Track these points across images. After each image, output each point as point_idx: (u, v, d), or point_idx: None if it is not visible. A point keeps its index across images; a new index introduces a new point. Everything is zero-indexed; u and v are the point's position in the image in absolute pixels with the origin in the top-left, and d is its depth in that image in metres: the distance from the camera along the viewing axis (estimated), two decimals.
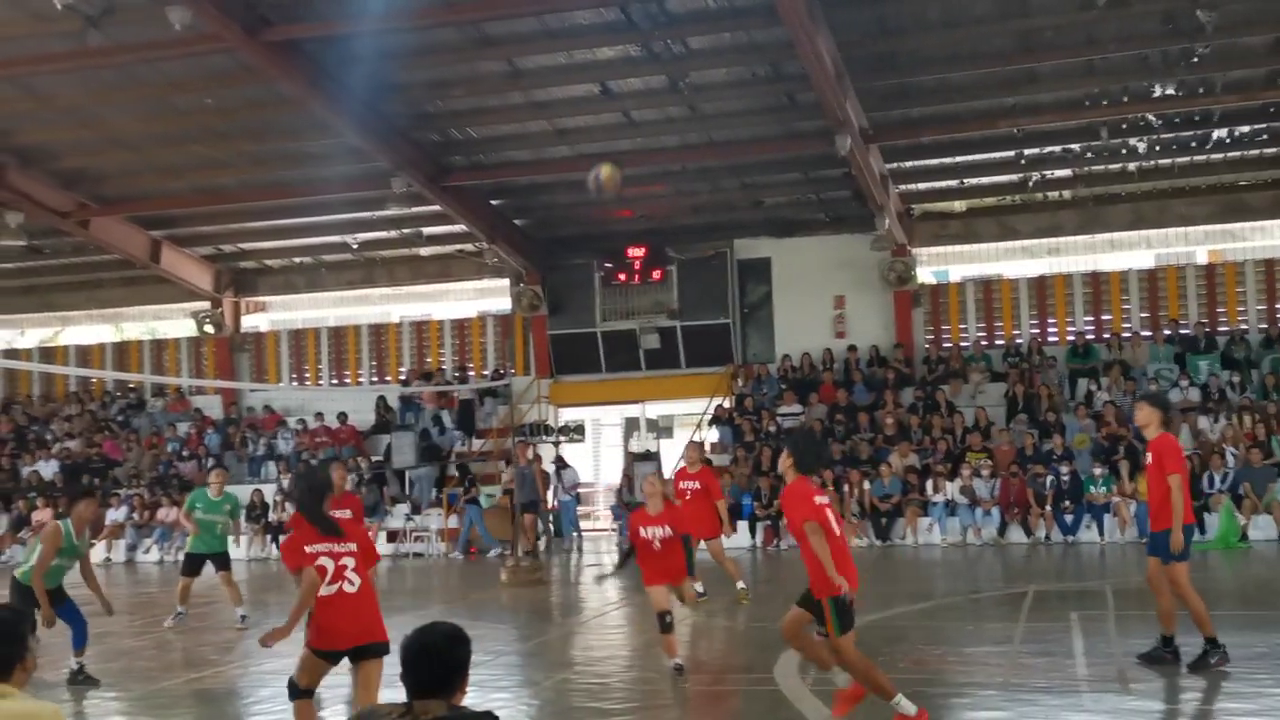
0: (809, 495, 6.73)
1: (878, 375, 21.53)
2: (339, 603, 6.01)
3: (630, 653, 10.44)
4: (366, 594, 6.11)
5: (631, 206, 22.31)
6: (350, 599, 6.03)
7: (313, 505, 6.30)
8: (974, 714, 7.45)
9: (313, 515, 6.24)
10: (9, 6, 15.67)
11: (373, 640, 6.04)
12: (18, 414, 26.21)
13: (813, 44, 14.99)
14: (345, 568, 6.06)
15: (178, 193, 22.01)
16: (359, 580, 6.09)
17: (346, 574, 6.06)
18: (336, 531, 6.18)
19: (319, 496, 6.40)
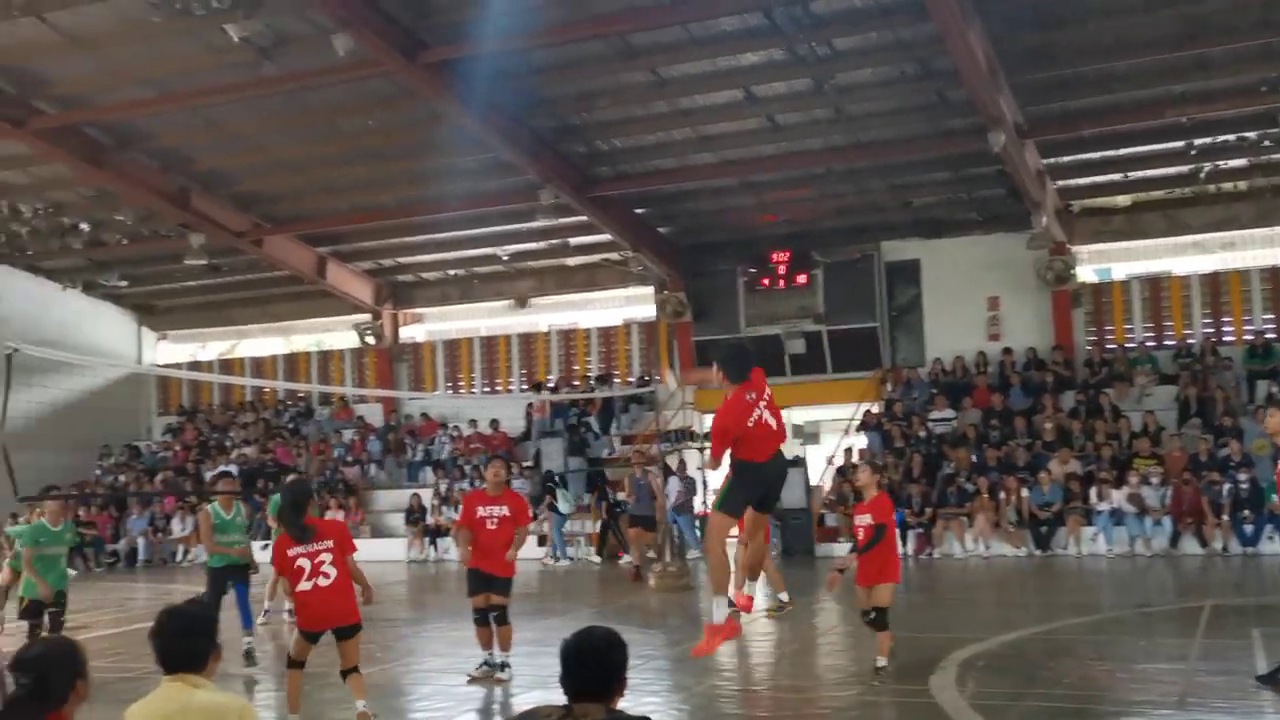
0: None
1: (1035, 378, 20.83)
2: (316, 595, 7.29)
3: (780, 659, 10.38)
4: (341, 585, 7.35)
5: (776, 211, 22.21)
6: (325, 591, 7.28)
7: (292, 516, 7.41)
8: None
9: (290, 525, 7.39)
10: (190, 42, 16.67)
11: (345, 623, 7.40)
12: (201, 422, 27.83)
13: (964, 39, 14.63)
14: (321, 564, 7.27)
15: (341, 211, 23.00)
16: (335, 573, 7.32)
17: (323, 569, 7.27)
18: (308, 538, 7.34)
19: (299, 509, 7.46)
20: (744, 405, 7.16)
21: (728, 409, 7.18)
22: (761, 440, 7.17)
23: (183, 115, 19.02)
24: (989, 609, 12.33)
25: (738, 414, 7.11)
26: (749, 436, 7.08)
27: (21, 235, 23.57)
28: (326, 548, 7.34)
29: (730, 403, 7.21)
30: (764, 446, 7.20)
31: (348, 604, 7.39)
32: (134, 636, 12.16)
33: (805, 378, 22.38)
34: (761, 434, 7.16)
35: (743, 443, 7.09)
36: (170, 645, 3.74)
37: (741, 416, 7.10)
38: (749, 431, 7.08)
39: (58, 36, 16.64)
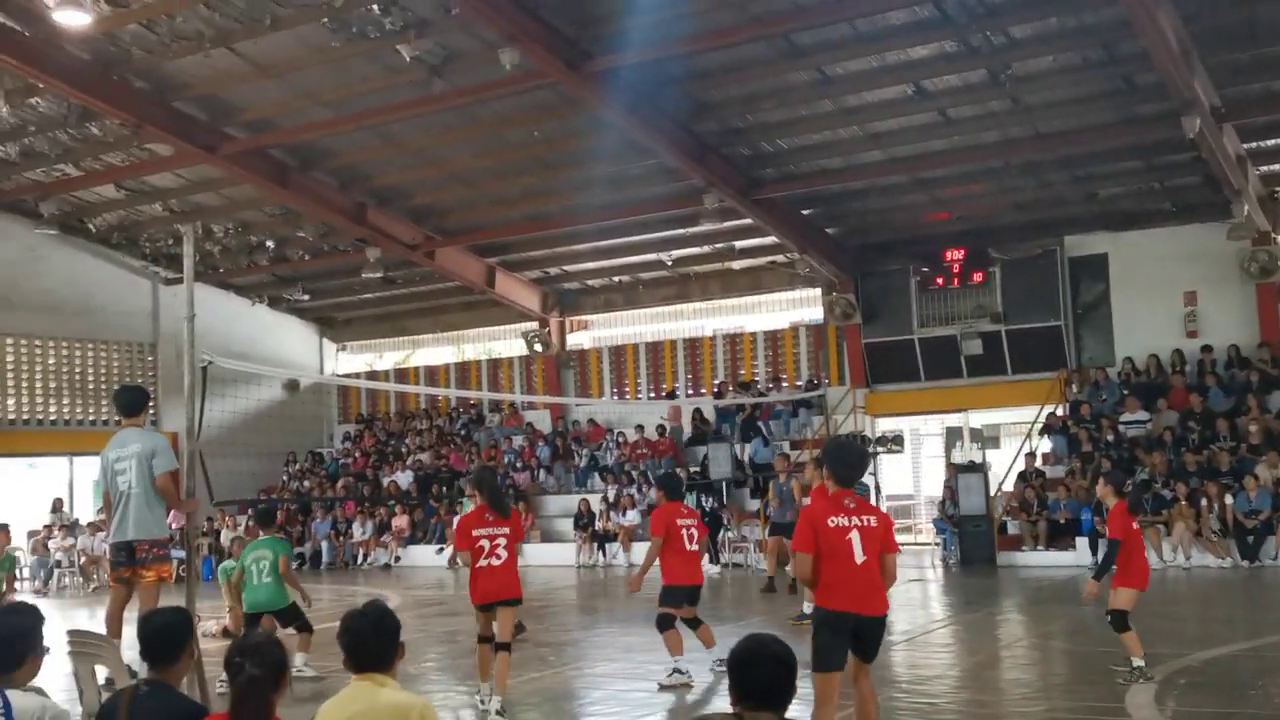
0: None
1: (1238, 378, 19.47)
2: (488, 572, 8.09)
3: (960, 673, 9.93)
4: (509, 565, 8.15)
5: (949, 208, 21.50)
6: (496, 570, 8.09)
7: (496, 495, 8.36)
8: None
9: (496, 503, 8.28)
10: (366, 64, 17.33)
11: (508, 596, 8.18)
12: (378, 430, 28.90)
13: (1153, 20, 13.78)
14: (497, 546, 8.08)
15: (509, 221, 23.49)
16: (505, 556, 8.11)
17: (497, 550, 8.08)
18: (504, 516, 8.23)
19: (498, 489, 8.55)
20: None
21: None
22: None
23: (360, 134, 19.77)
24: (1190, 623, 11.54)
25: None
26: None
27: (214, 254, 25.02)
28: (503, 532, 8.15)
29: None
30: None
31: (513, 581, 8.23)
32: (319, 637, 12.61)
33: (983, 379, 21.66)
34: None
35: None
36: (358, 645, 3.84)
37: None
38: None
39: (246, 65, 17.55)
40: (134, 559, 8.55)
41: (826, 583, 6.03)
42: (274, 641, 3.83)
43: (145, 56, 17.38)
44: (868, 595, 6.04)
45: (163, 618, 4.16)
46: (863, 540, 6.03)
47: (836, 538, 6.01)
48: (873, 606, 6.08)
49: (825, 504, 6.17)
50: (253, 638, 3.90)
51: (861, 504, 6.24)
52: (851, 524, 6.03)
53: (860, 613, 6.02)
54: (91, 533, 21.94)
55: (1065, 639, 11.01)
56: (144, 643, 4.07)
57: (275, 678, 3.68)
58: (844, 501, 6.11)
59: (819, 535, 6.03)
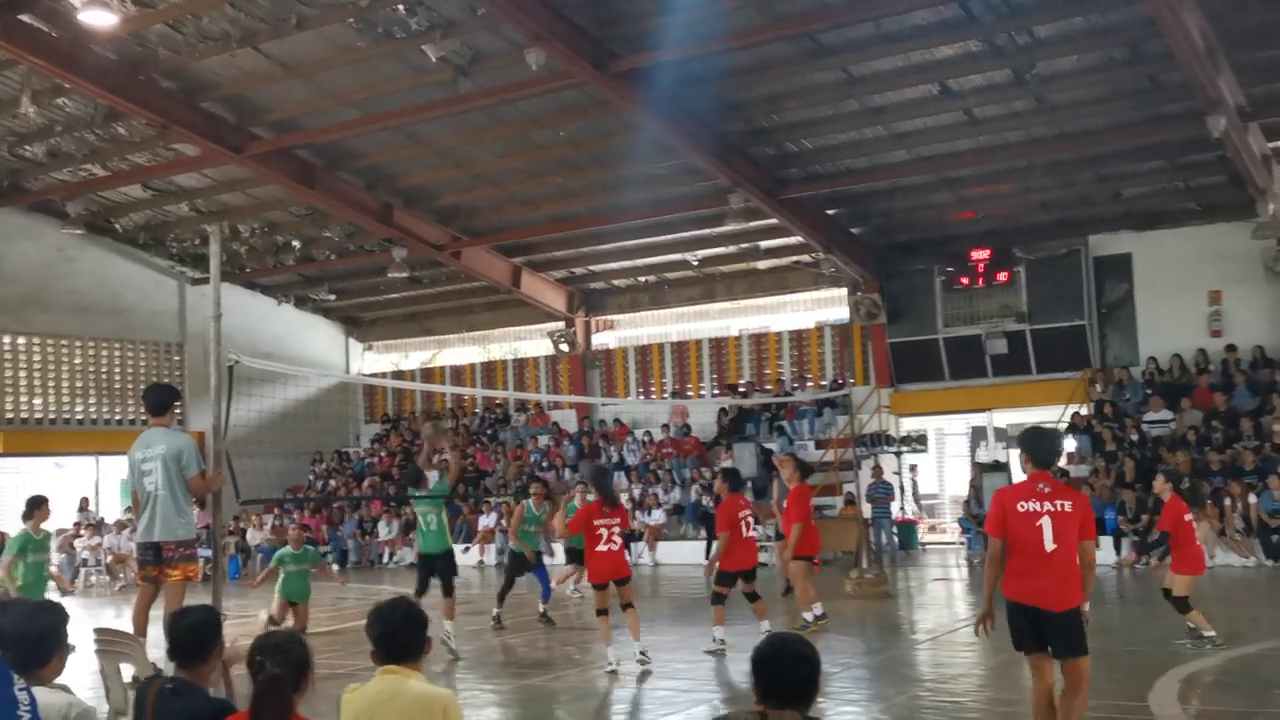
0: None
1: (1263, 377, 19.36)
2: (607, 556, 9.93)
3: (985, 672, 9.96)
4: (622, 550, 10.04)
5: (974, 207, 21.47)
6: (613, 554, 9.96)
7: (607, 490, 10.30)
8: None
9: (607, 496, 10.20)
10: (392, 64, 17.47)
11: (624, 575, 10.08)
12: (404, 429, 29.08)
13: (1178, 19, 13.74)
14: (613, 533, 9.93)
15: (535, 222, 23.61)
16: (619, 543, 10.00)
17: (613, 537, 9.91)
18: (616, 507, 10.23)
19: (610, 484, 10.62)
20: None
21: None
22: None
23: (386, 134, 19.93)
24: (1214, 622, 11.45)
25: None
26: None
27: (241, 254, 25.26)
28: (617, 522, 9.99)
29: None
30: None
31: (624, 563, 10.11)
32: (346, 635, 12.77)
33: (1008, 379, 21.63)
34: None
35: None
36: (388, 636, 3.94)
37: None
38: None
39: (272, 65, 17.72)
40: (160, 558, 8.64)
41: (1011, 570, 5.80)
42: (296, 640, 3.87)
43: (172, 57, 17.56)
44: (1053, 589, 5.74)
45: (192, 617, 4.18)
46: (1055, 526, 5.72)
47: (1026, 524, 5.74)
48: (1057, 601, 5.73)
49: (1018, 487, 5.94)
50: (275, 635, 3.94)
51: (1058, 488, 5.92)
52: (1044, 509, 5.74)
53: (1041, 607, 5.73)
54: (117, 531, 22.20)
55: (1089, 637, 11.00)
56: (173, 642, 4.10)
57: (296, 676, 3.72)
58: (1039, 486, 5.84)
59: (1008, 519, 5.79)
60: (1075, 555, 5.71)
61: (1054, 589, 5.68)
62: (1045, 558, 5.68)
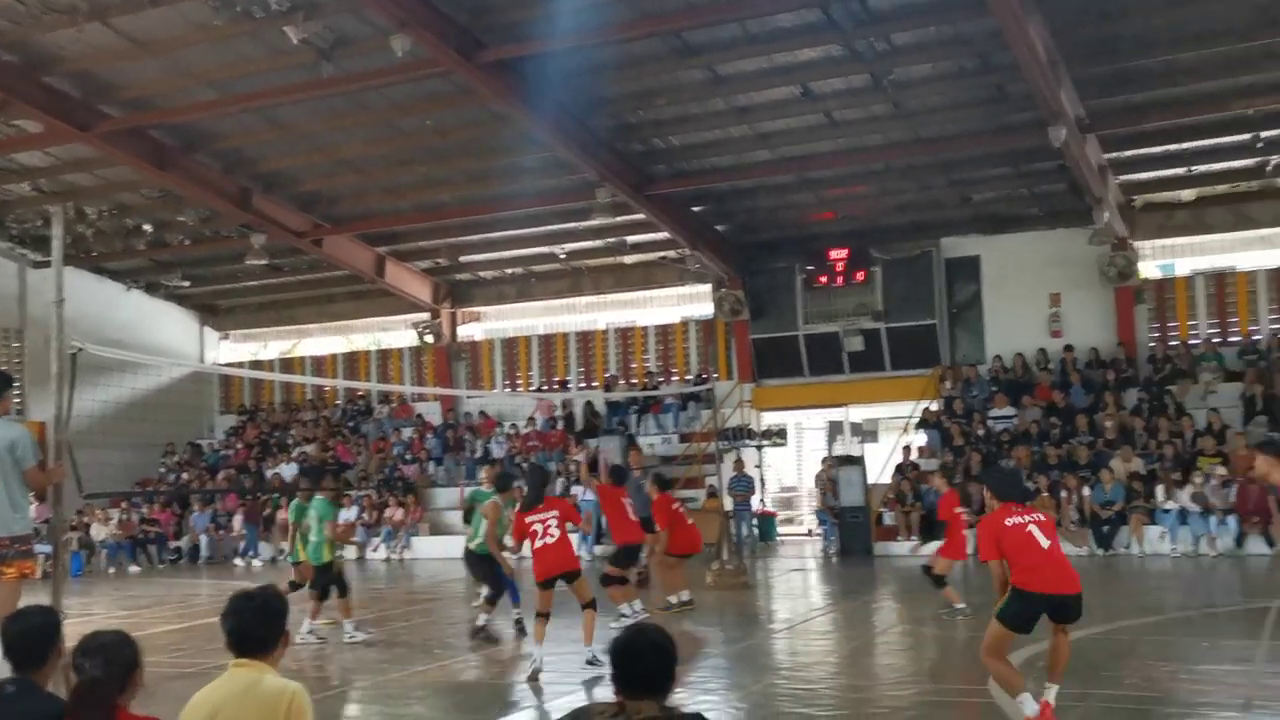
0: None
1: (1097, 376, 20.49)
2: (544, 550, 9.30)
3: (838, 660, 10.32)
4: (563, 542, 9.37)
5: (834, 208, 22.08)
6: (551, 547, 9.30)
7: (535, 491, 9.60)
8: None
9: (532, 497, 9.57)
10: (252, 44, 16.96)
11: (570, 569, 9.38)
12: (262, 421, 28.30)
13: (1024, 32, 14.43)
14: (549, 527, 9.31)
15: (400, 211, 23.25)
16: (558, 534, 9.32)
17: (549, 530, 9.30)
18: (539, 504, 9.51)
19: (544, 484, 9.85)
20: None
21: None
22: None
23: (245, 117, 19.35)
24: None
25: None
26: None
27: (87, 237, 24.14)
28: (553, 514, 9.43)
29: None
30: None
31: (569, 555, 9.49)
32: (195, 633, 12.42)
33: (864, 375, 22.30)
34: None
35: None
36: (242, 628, 3.80)
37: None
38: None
39: (123, 41, 16.99)
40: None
41: (1024, 568, 6.56)
42: (124, 640, 3.76)
43: (13, 28, 16.62)
44: (1062, 576, 6.60)
45: (28, 620, 4.01)
46: (1041, 530, 6.66)
47: (1018, 533, 6.63)
48: (1068, 585, 6.60)
49: (998, 512, 6.83)
50: (102, 636, 3.80)
51: (1027, 508, 6.89)
52: (1027, 520, 6.69)
53: (1057, 593, 6.57)
54: None
55: (936, 625, 11.51)
56: (7, 647, 3.93)
57: (122, 678, 3.62)
58: (1012, 508, 6.79)
59: (1001, 538, 6.67)
60: (1061, 550, 6.70)
61: (1066, 576, 6.64)
62: (1046, 553, 6.61)
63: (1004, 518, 6.74)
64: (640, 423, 23.85)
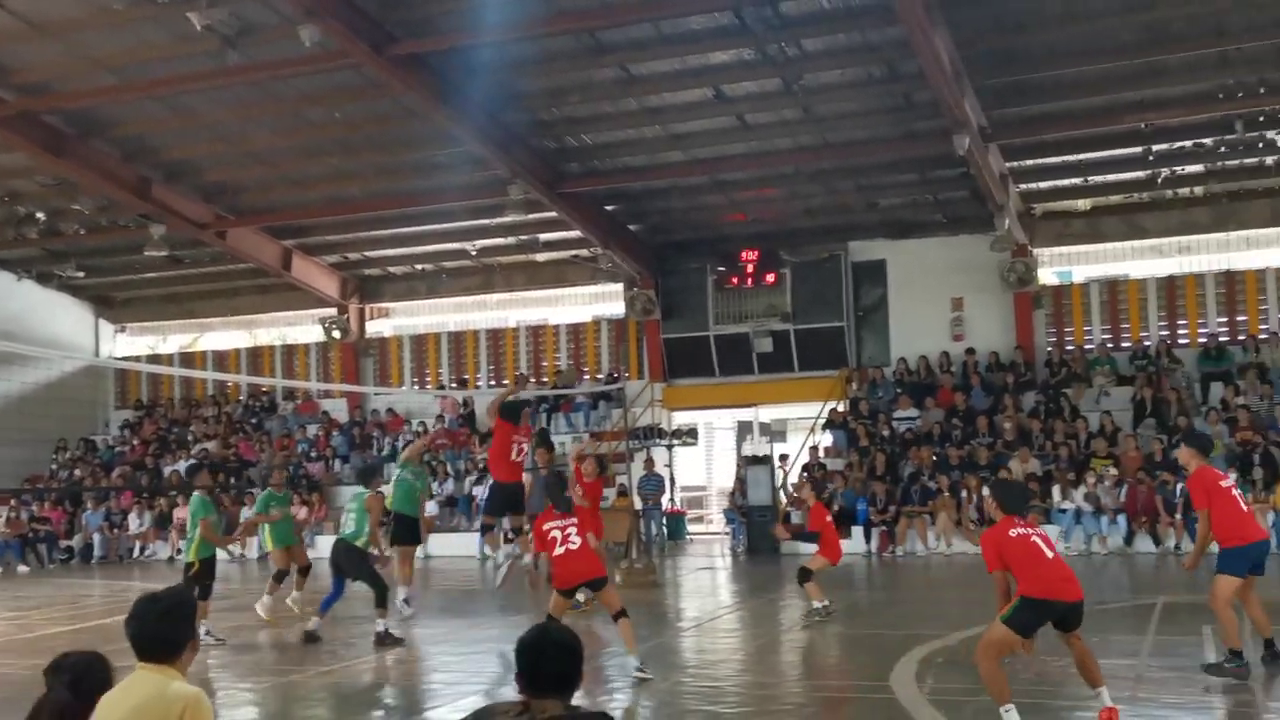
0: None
1: (997, 379, 21.07)
2: (567, 557, 8.81)
3: (744, 657, 10.45)
4: (585, 549, 8.90)
5: (745, 210, 22.31)
6: (574, 554, 8.79)
7: (557, 496, 9.23)
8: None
9: (557, 500, 9.14)
10: (154, 29, 16.49)
11: (596, 575, 8.88)
12: (160, 417, 27.54)
13: (930, 42, 14.78)
14: (568, 535, 8.82)
15: (308, 203, 22.83)
16: (579, 541, 8.85)
17: (569, 538, 8.81)
18: (568, 510, 9.13)
19: (560, 490, 9.45)
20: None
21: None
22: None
23: (146, 104, 18.82)
24: (950, 606, 12.45)
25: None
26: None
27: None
28: (573, 522, 8.96)
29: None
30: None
31: (594, 562, 9.00)
32: (86, 635, 12.04)
33: (772, 376, 22.57)
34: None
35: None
36: (145, 632, 3.67)
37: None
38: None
39: (18, 23, 16.41)
40: None
41: (1032, 578, 6.79)
42: (99, 664, 3.68)
43: None
44: (1066, 583, 6.85)
45: None
46: (1043, 540, 6.97)
47: (1022, 544, 6.88)
48: (1072, 592, 6.86)
49: (1003, 523, 7.04)
50: (77, 657, 3.72)
51: (1029, 521, 7.22)
52: (1030, 532, 6.97)
53: (1061, 599, 6.81)
54: None
55: (840, 623, 11.72)
56: None
57: (88, 703, 3.55)
58: (1015, 520, 7.03)
59: (1004, 550, 6.90)
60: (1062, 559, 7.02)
61: (1071, 583, 6.89)
62: (1050, 562, 6.88)
63: (1008, 529, 6.97)
64: (551, 421, 23.79)
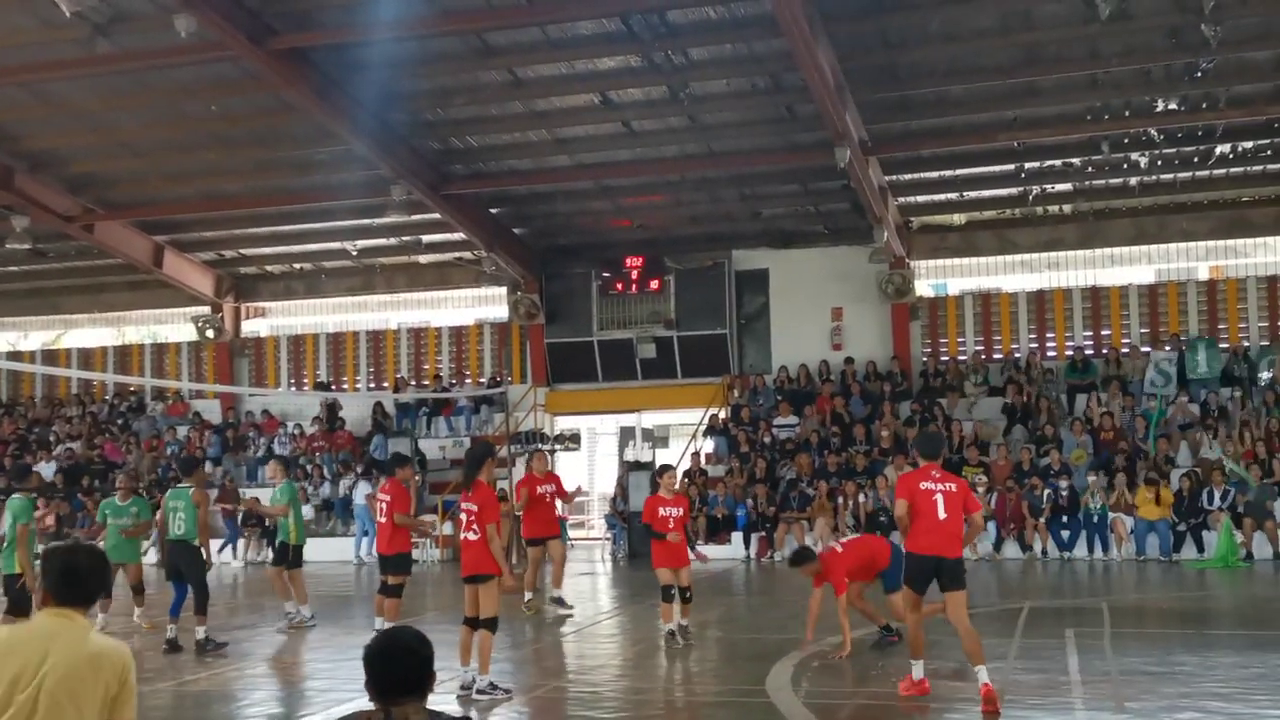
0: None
1: (875, 388, 21.54)
2: (463, 546, 8.46)
3: (622, 663, 10.45)
4: (480, 544, 8.25)
5: (630, 216, 22.37)
6: (468, 544, 8.33)
7: (468, 469, 8.50)
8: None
9: (466, 476, 8.51)
10: (19, 13, 15.76)
11: (473, 572, 8.30)
12: (20, 416, 26.28)
13: (812, 56, 15.05)
14: (472, 521, 8.29)
15: (183, 198, 22.09)
16: (479, 533, 8.24)
17: (471, 527, 8.30)
18: (467, 490, 8.44)
19: (474, 465, 8.49)
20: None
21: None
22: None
23: (9, 90, 17.97)
24: (826, 611, 12.61)
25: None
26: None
27: None
28: (474, 510, 8.32)
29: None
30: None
31: (477, 559, 8.32)
32: None
33: (656, 382, 22.68)
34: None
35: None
36: (70, 572, 3.54)
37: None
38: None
39: None
40: None
41: (915, 532, 7.78)
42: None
43: None
44: (947, 544, 7.75)
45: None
46: (945, 501, 7.76)
47: (925, 499, 7.77)
48: (952, 550, 7.78)
49: (919, 472, 8.02)
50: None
51: (945, 474, 8.03)
52: (937, 489, 7.79)
53: (942, 555, 7.72)
54: None
55: (718, 628, 11.82)
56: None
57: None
58: (931, 473, 7.92)
59: (914, 495, 7.82)
60: (961, 521, 7.84)
61: (947, 544, 7.77)
62: (940, 523, 7.75)
63: (920, 481, 7.87)
64: (431, 425, 23.49)
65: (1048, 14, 15.97)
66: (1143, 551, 17.27)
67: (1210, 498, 17.23)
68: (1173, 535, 17.19)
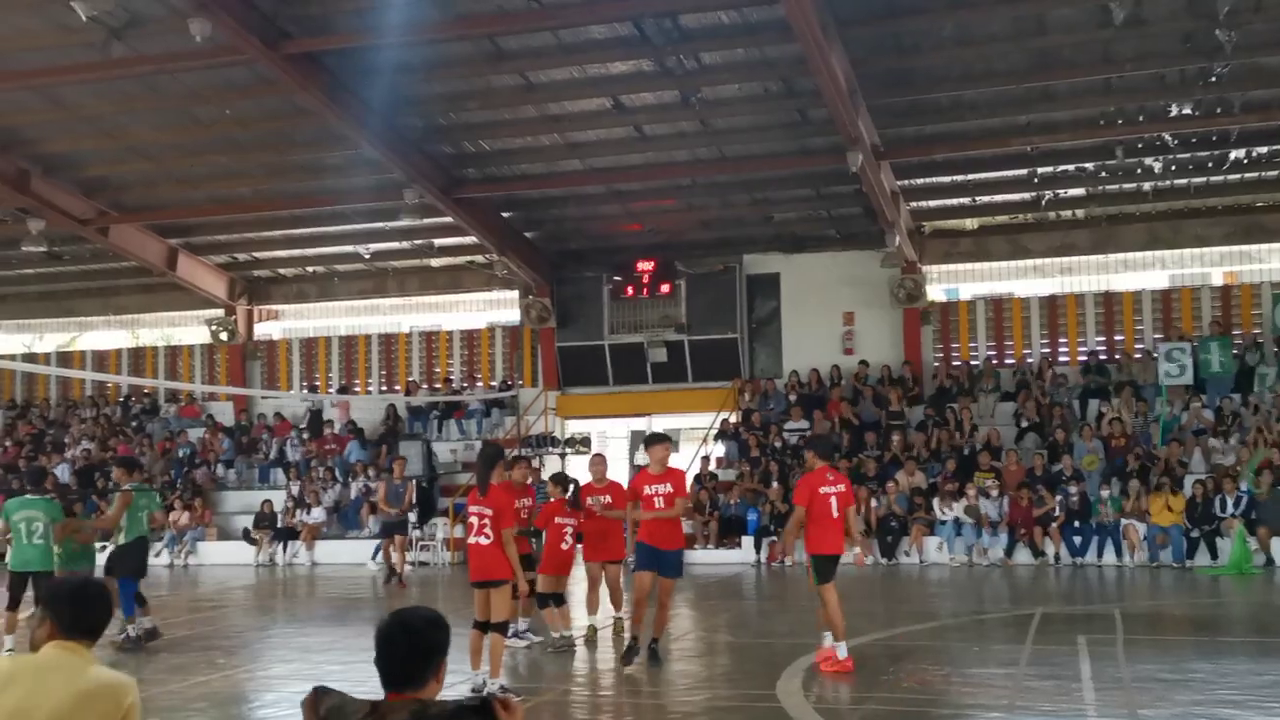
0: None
1: (885, 393, 21.50)
2: (472, 550, 8.30)
3: (633, 667, 10.42)
4: (493, 548, 8.08)
5: (641, 220, 22.39)
6: (479, 549, 8.16)
7: (482, 472, 8.36)
8: None
9: (480, 485, 8.30)
10: (35, 18, 15.86)
11: (485, 578, 8.13)
12: (35, 417, 26.42)
13: (825, 60, 15.04)
14: (484, 527, 8.11)
15: (195, 202, 22.19)
16: (491, 537, 8.09)
17: (484, 530, 8.12)
18: (483, 494, 8.24)
19: (485, 469, 8.36)
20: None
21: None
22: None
23: (25, 94, 18.08)
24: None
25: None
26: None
27: None
28: (488, 514, 8.11)
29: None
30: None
31: (492, 564, 8.10)
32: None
33: (666, 386, 22.68)
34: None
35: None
36: (74, 605, 3.58)
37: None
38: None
39: None
40: None
41: (815, 534, 8.92)
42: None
43: None
44: (838, 537, 9.02)
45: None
46: (837, 501, 8.96)
47: (823, 501, 8.82)
48: (839, 547, 9.07)
49: (817, 475, 9.04)
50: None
51: (837, 476, 9.21)
52: (832, 490, 8.92)
53: (836, 553, 9.01)
54: None
55: (729, 632, 11.81)
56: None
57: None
58: (827, 475, 9.02)
59: (812, 497, 8.84)
60: (845, 519, 9.09)
61: (839, 541, 9.02)
62: (833, 522, 8.95)
63: (819, 484, 8.82)
64: (443, 428, 23.54)
65: (1061, 18, 15.94)
66: (1155, 558, 17.19)
67: (1224, 504, 17.14)
68: (1185, 541, 17.10)
